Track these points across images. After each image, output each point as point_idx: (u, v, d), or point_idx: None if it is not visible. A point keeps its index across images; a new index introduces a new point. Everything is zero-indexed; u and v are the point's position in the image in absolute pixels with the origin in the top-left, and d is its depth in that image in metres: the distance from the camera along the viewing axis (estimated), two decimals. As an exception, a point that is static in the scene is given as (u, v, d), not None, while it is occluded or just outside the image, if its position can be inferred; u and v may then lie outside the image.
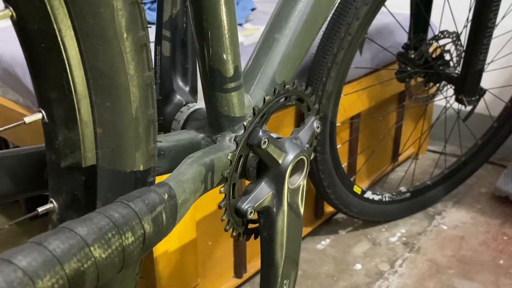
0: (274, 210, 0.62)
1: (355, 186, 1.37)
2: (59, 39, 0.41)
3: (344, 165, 1.49)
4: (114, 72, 0.43)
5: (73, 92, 0.43)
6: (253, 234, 0.65)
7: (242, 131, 0.60)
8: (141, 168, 0.49)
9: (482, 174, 1.74)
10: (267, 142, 0.58)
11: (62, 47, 0.41)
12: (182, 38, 0.70)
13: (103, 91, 0.44)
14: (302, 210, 0.65)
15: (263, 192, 0.61)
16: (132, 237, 0.42)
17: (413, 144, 1.81)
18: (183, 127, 0.68)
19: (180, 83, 0.72)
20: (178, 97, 0.71)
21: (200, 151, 0.59)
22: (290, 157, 0.61)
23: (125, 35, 0.42)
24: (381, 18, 1.30)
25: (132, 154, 0.48)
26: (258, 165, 0.62)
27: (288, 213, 0.63)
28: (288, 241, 0.64)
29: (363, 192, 1.40)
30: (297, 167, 0.64)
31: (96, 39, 0.41)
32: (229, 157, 0.57)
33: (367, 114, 1.52)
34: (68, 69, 0.42)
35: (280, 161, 0.61)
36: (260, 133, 0.58)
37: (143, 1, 0.43)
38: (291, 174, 0.63)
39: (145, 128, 0.48)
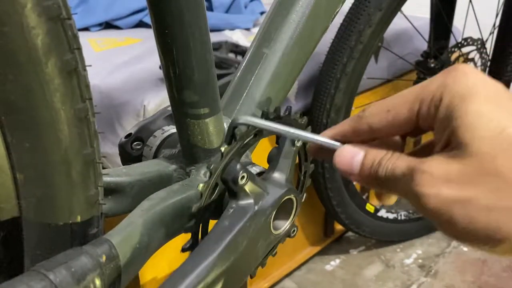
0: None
1: (367, 204, 1.29)
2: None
3: (357, 181, 1.38)
4: (32, 106, 0.34)
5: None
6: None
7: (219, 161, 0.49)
8: (79, 219, 0.40)
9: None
10: (245, 177, 0.48)
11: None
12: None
13: (19, 130, 0.35)
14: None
15: None
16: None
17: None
18: (155, 155, 0.59)
19: (159, 102, 0.63)
20: (153, 118, 0.62)
21: (165, 190, 0.49)
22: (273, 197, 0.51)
23: (43, 60, 0.33)
24: (399, 23, 1.20)
25: (65, 203, 0.39)
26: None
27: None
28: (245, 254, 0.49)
29: (377, 210, 1.33)
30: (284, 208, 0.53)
31: (3, 66, 0.32)
32: (199, 188, 0.47)
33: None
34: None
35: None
36: (238, 166, 0.48)
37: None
38: (275, 218, 0.52)
39: (80, 171, 0.38)
